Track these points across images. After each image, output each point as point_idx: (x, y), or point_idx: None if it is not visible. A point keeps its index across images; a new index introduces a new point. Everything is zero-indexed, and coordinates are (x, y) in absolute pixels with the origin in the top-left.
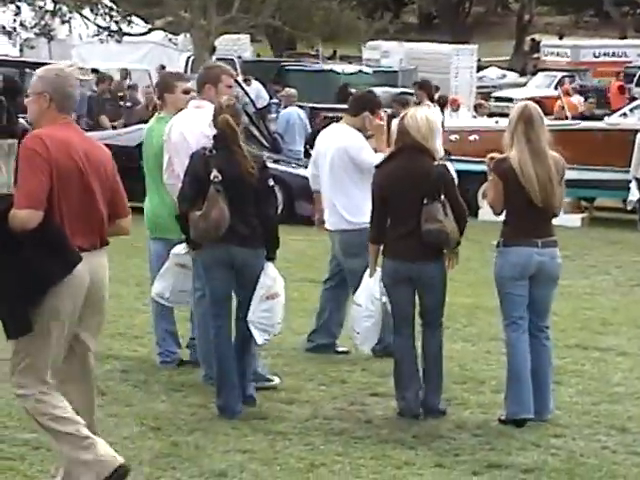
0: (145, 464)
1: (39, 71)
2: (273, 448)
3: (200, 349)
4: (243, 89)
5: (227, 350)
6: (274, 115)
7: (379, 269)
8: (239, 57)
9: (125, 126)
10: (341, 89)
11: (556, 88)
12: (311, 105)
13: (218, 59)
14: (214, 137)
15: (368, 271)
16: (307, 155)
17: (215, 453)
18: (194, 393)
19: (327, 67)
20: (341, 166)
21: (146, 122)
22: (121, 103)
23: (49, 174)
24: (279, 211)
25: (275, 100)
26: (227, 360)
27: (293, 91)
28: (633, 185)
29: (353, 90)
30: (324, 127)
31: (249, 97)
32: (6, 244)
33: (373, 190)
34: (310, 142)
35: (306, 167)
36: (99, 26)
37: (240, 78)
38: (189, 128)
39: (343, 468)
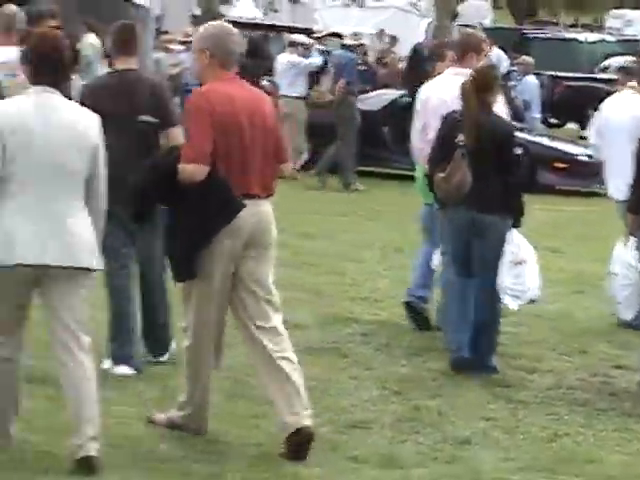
0: (386, 428)
1: (201, 28)
2: (515, 416)
3: (443, 314)
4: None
5: (464, 306)
6: (513, 83)
7: (633, 239)
8: (480, 24)
9: (368, 91)
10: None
11: None
12: (553, 74)
13: (461, 25)
14: None
15: (622, 240)
16: (545, 124)
17: (457, 420)
18: (434, 358)
19: (569, 35)
20: (635, 135)
21: (388, 87)
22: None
23: (213, 128)
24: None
25: (515, 68)
26: (462, 316)
27: (530, 59)
28: None
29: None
30: (563, 96)
31: None
32: (175, 195)
33: (637, 160)
34: (549, 111)
35: (546, 136)
36: None
37: None
38: (451, 94)
39: (586, 439)
